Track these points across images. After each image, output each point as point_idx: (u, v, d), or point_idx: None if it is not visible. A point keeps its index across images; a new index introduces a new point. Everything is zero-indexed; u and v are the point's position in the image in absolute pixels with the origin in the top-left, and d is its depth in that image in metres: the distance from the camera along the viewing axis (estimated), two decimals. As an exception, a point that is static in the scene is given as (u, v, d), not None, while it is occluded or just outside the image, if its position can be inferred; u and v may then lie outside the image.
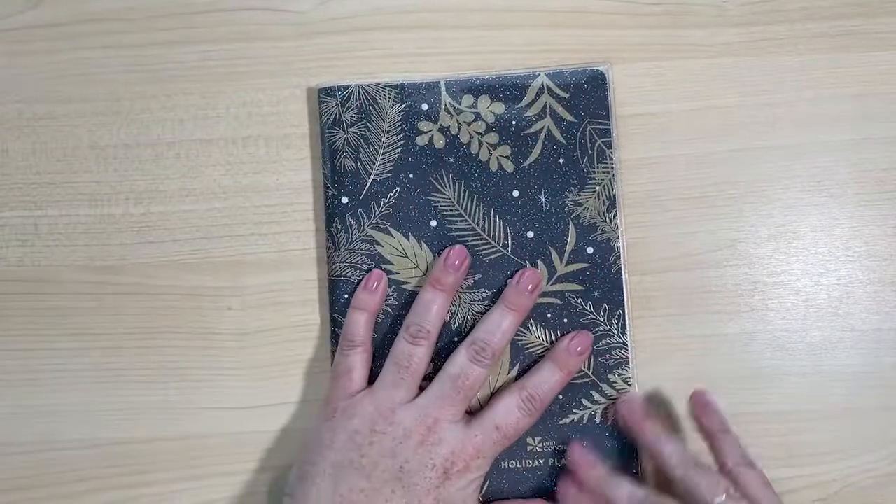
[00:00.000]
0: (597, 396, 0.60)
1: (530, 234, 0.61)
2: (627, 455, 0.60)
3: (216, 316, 0.62)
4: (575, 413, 0.60)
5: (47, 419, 0.61)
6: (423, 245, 0.61)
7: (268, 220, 0.62)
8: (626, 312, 0.60)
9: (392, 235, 0.61)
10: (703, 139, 0.62)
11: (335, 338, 0.60)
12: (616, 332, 0.60)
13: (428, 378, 0.59)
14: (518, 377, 0.60)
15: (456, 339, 0.60)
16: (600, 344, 0.60)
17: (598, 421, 0.60)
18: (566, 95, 0.61)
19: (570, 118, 0.61)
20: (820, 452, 0.60)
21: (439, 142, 0.62)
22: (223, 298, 0.62)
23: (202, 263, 0.62)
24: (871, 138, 0.62)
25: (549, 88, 0.62)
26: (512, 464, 0.60)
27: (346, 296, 0.61)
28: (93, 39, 0.64)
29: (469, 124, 0.62)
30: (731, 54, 0.63)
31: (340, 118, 0.62)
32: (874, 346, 0.60)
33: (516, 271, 0.60)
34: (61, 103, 0.64)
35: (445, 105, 0.62)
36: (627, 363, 0.60)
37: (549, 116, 0.61)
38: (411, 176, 0.61)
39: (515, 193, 0.61)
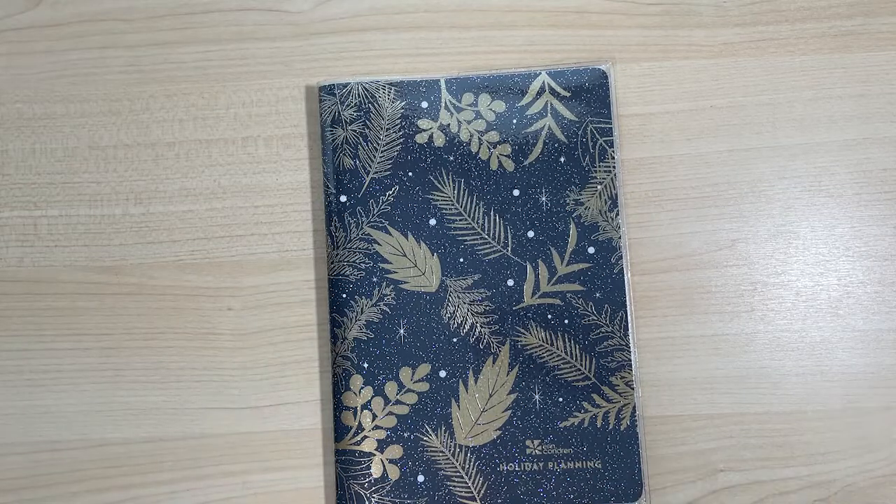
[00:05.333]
0: (598, 400, 0.58)
1: (531, 234, 0.59)
2: (629, 459, 0.57)
3: (216, 316, 0.60)
4: (576, 416, 0.58)
5: (47, 419, 0.59)
6: (423, 244, 0.59)
7: (267, 220, 0.61)
8: (629, 313, 0.58)
9: (391, 234, 0.59)
10: (703, 139, 0.61)
11: (335, 338, 0.58)
12: (619, 334, 0.58)
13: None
14: (517, 378, 0.58)
15: (454, 339, 0.58)
16: (602, 346, 0.58)
17: (598, 424, 0.57)
18: (567, 94, 0.60)
19: (571, 117, 0.60)
20: (820, 452, 0.58)
21: (439, 140, 0.60)
22: (223, 299, 0.60)
23: (202, 263, 0.60)
24: (871, 138, 0.60)
25: (550, 87, 0.60)
26: (511, 466, 0.57)
27: (345, 295, 0.58)
28: (93, 39, 0.63)
29: (469, 122, 0.60)
30: (731, 54, 0.61)
31: (340, 116, 0.60)
32: (874, 346, 0.59)
33: (516, 271, 0.58)
34: (61, 103, 0.62)
35: (445, 103, 0.60)
36: (630, 366, 0.58)
37: (550, 115, 0.60)
38: (410, 174, 0.59)
39: (516, 192, 0.59)
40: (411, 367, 0.58)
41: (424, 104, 0.60)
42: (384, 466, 0.57)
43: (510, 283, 0.58)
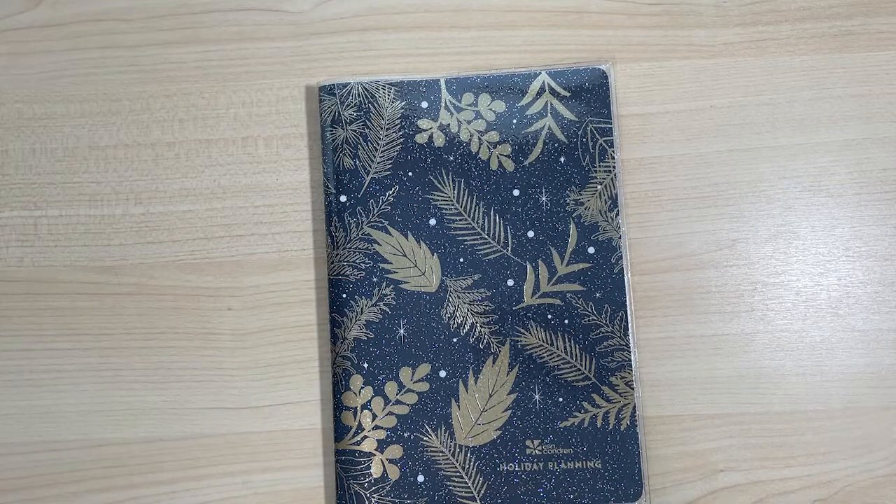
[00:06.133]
0: (598, 400, 0.57)
1: (531, 234, 0.59)
2: (629, 459, 0.56)
3: (216, 316, 0.60)
4: (576, 416, 0.57)
5: (47, 419, 0.59)
6: (423, 244, 0.58)
7: (267, 220, 0.60)
8: (629, 313, 0.58)
9: (391, 234, 0.59)
10: (703, 139, 0.60)
11: (335, 338, 0.58)
12: (618, 334, 0.58)
13: (428, 378, 0.54)
14: (517, 378, 0.57)
15: (454, 339, 0.58)
16: (602, 346, 0.58)
17: (598, 425, 0.56)
18: (567, 94, 0.60)
19: (571, 117, 0.59)
20: (820, 452, 0.58)
21: (439, 140, 0.59)
22: (223, 298, 0.60)
23: (202, 263, 0.60)
24: (871, 138, 0.60)
25: (550, 87, 0.60)
26: (510, 466, 0.57)
27: (345, 295, 0.58)
28: (92, 39, 0.62)
29: (469, 122, 0.60)
30: (731, 54, 0.61)
31: (340, 116, 0.60)
32: (874, 346, 0.58)
33: (516, 271, 0.58)
34: (61, 103, 0.62)
35: (445, 103, 0.60)
36: (630, 366, 0.57)
37: (550, 115, 0.59)
38: (410, 174, 0.59)
39: (516, 192, 0.59)
40: (411, 367, 0.57)
41: (424, 104, 0.59)
42: (384, 466, 0.56)
43: (510, 283, 0.58)
